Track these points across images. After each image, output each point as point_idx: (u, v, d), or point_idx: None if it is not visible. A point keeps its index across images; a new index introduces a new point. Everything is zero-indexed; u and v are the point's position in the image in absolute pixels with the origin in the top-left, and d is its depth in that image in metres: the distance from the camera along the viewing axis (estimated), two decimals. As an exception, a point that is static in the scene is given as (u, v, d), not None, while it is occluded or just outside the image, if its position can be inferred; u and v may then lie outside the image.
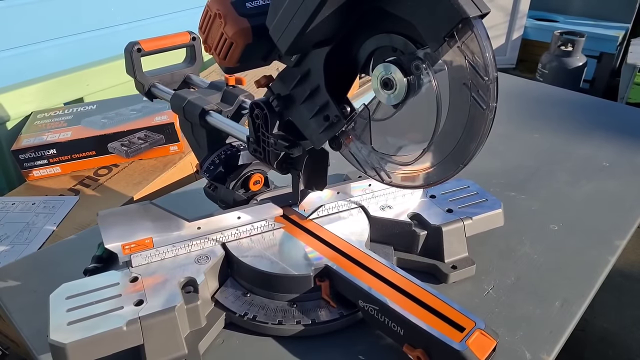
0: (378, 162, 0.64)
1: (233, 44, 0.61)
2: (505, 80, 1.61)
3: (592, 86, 3.36)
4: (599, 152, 1.19)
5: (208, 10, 0.63)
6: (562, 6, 3.69)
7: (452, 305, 0.64)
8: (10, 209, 1.08)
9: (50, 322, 0.60)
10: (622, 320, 1.76)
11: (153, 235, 0.70)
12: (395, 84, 0.55)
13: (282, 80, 0.66)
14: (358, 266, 0.71)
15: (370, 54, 0.60)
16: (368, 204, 0.84)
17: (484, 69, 0.49)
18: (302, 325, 0.68)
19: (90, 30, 1.47)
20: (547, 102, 1.48)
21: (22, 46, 1.35)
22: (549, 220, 0.94)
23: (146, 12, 1.59)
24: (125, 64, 0.88)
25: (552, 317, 0.72)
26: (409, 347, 0.63)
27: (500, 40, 3.51)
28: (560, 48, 3.01)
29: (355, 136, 0.63)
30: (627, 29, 3.39)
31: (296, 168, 0.73)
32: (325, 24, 0.54)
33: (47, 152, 1.17)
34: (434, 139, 0.57)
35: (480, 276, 0.79)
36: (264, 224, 0.78)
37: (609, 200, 1.01)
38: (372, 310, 0.66)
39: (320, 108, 0.63)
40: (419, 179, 0.61)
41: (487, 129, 0.52)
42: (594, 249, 0.87)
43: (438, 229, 0.78)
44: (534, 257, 0.84)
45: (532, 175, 1.09)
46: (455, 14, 0.47)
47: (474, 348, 0.59)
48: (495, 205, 0.84)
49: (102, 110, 1.35)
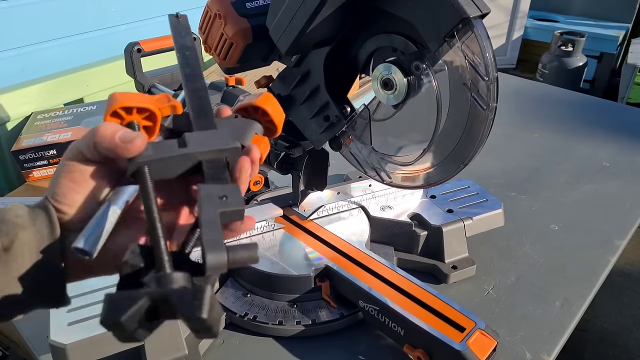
0: (378, 163, 0.64)
1: (233, 44, 0.61)
2: (506, 80, 1.61)
3: (593, 86, 3.36)
4: (599, 152, 1.19)
5: (208, 10, 0.63)
6: (563, 6, 3.69)
7: (453, 305, 0.64)
8: (10, 209, 1.08)
9: (51, 323, 0.60)
10: (622, 320, 1.76)
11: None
12: (396, 84, 0.55)
13: (282, 80, 0.66)
14: (358, 266, 0.71)
15: (371, 54, 0.60)
16: (368, 204, 0.84)
17: (484, 69, 0.49)
18: (302, 325, 0.68)
19: (90, 30, 1.47)
20: (547, 102, 1.47)
21: (22, 47, 1.35)
22: (549, 220, 0.94)
23: (146, 13, 1.58)
24: (126, 64, 0.88)
25: (552, 317, 0.72)
26: (409, 347, 0.63)
27: (500, 40, 3.51)
28: (561, 48, 3.01)
29: (356, 136, 0.63)
30: (627, 29, 3.39)
31: (296, 168, 0.74)
32: (325, 24, 0.54)
33: (47, 152, 1.17)
34: (434, 139, 0.57)
35: (481, 276, 0.79)
36: (264, 225, 0.78)
37: (609, 200, 1.01)
38: (373, 310, 0.66)
39: (320, 108, 0.63)
40: (419, 179, 0.61)
41: (487, 129, 0.52)
42: (594, 249, 0.87)
43: (438, 229, 0.78)
44: (534, 257, 0.84)
45: (532, 175, 1.09)
46: (455, 14, 0.48)
47: (475, 348, 0.59)
48: (496, 206, 0.84)
49: (102, 111, 1.35)
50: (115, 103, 0.35)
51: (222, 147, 0.36)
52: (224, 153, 0.36)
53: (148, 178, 0.34)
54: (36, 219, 0.35)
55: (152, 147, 0.35)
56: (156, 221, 0.33)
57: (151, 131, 0.38)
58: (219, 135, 0.37)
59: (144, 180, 0.34)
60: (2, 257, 0.33)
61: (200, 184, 0.34)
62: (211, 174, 0.35)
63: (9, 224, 0.34)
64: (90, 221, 0.35)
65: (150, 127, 0.37)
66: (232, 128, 0.38)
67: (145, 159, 0.34)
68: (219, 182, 0.34)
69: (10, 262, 0.33)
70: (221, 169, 0.35)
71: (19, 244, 0.34)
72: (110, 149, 0.34)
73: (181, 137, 0.36)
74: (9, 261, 0.33)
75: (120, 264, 0.31)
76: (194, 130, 0.37)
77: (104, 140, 0.34)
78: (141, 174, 0.34)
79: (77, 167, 0.35)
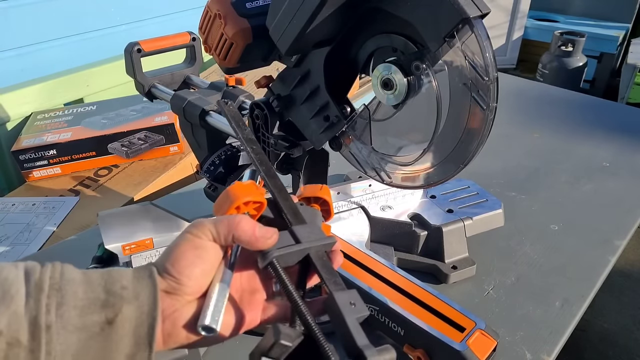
0: (378, 163, 0.64)
1: (233, 44, 0.61)
2: (506, 80, 1.61)
3: (593, 86, 3.36)
4: (599, 152, 1.19)
5: (208, 10, 0.63)
6: (563, 6, 3.69)
7: (453, 305, 0.64)
8: (10, 209, 1.08)
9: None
10: (622, 320, 1.76)
11: (153, 235, 0.70)
12: (396, 84, 0.55)
13: (282, 80, 0.66)
14: (358, 266, 0.71)
15: (371, 54, 0.60)
16: (368, 204, 0.84)
17: (485, 69, 0.49)
18: (302, 325, 0.68)
19: (90, 30, 1.47)
20: (547, 102, 1.48)
21: (22, 47, 1.35)
22: (549, 220, 0.94)
23: (146, 13, 1.58)
24: (125, 64, 0.88)
25: (552, 317, 0.72)
26: (409, 347, 0.62)
27: (500, 41, 3.51)
28: (561, 48, 3.01)
29: (356, 136, 0.63)
30: (627, 29, 3.39)
31: (296, 168, 0.73)
32: (325, 24, 0.54)
33: (47, 152, 1.17)
34: (434, 139, 0.57)
35: (481, 276, 0.79)
36: (264, 225, 0.78)
37: (609, 200, 1.01)
38: (373, 310, 0.66)
39: (320, 108, 0.63)
40: (420, 179, 0.61)
41: (487, 129, 0.52)
42: (594, 249, 0.87)
43: (438, 229, 0.78)
44: (534, 257, 0.84)
45: (532, 175, 1.09)
46: (455, 14, 0.47)
47: (475, 348, 0.59)
48: (496, 206, 0.84)
49: (102, 111, 1.35)
50: (237, 199, 0.41)
51: (326, 242, 0.44)
52: (326, 247, 0.44)
53: (280, 269, 0.40)
54: (141, 292, 0.36)
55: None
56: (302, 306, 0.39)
57: (255, 217, 0.44)
58: (315, 230, 0.44)
59: (278, 271, 0.40)
60: (106, 330, 0.35)
61: (334, 292, 0.39)
62: (320, 264, 0.42)
63: (116, 296, 0.35)
64: (210, 300, 0.39)
65: (255, 215, 0.44)
66: (305, 215, 0.46)
67: (276, 254, 0.40)
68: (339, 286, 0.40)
69: (112, 336, 0.35)
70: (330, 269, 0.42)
71: (122, 318, 0.35)
72: (249, 243, 0.39)
73: (291, 231, 0.43)
74: (110, 335, 0.35)
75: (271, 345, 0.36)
76: (292, 224, 0.44)
77: (245, 235, 0.39)
78: (274, 266, 0.40)
79: (206, 245, 0.39)
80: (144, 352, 0.36)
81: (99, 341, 0.34)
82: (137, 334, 0.36)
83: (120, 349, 0.35)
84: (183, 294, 0.38)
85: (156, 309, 0.36)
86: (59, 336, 0.33)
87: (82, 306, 0.34)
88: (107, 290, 0.35)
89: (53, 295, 0.34)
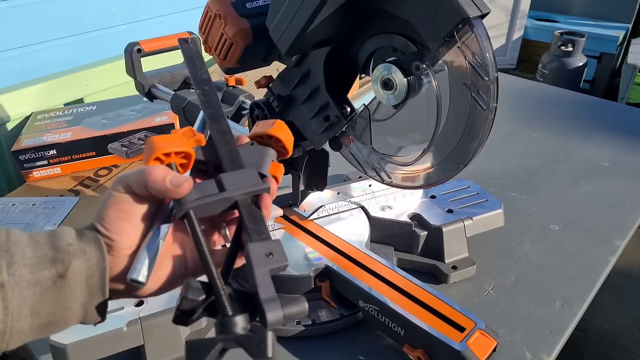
0: (378, 163, 0.64)
1: (233, 44, 0.61)
2: (506, 81, 1.61)
3: (593, 86, 3.36)
4: (599, 152, 1.19)
5: (208, 10, 0.63)
6: (563, 6, 3.69)
7: (453, 305, 0.64)
8: (10, 209, 1.08)
9: (51, 323, 0.60)
10: (622, 320, 1.76)
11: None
12: (396, 85, 0.55)
13: (282, 80, 0.66)
14: (358, 266, 0.71)
15: (371, 55, 0.60)
16: (368, 204, 0.84)
17: (484, 69, 0.49)
18: (302, 325, 0.68)
19: (90, 30, 1.47)
20: (547, 102, 1.47)
21: (22, 47, 1.34)
22: (549, 220, 0.94)
23: (146, 13, 1.58)
24: (125, 64, 0.88)
25: (552, 317, 0.72)
26: (409, 347, 0.63)
27: (500, 41, 3.51)
28: (561, 48, 3.01)
29: (356, 136, 0.63)
30: (627, 29, 3.39)
31: (296, 169, 0.74)
32: (325, 24, 0.54)
33: (47, 152, 1.17)
34: (434, 139, 0.57)
35: (481, 276, 0.79)
36: (264, 225, 0.78)
37: (609, 200, 1.01)
38: (373, 310, 0.66)
39: (320, 108, 0.63)
40: (420, 179, 0.61)
41: (487, 129, 0.52)
42: (594, 249, 0.87)
43: (438, 230, 0.78)
44: (534, 257, 0.84)
45: (532, 175, 1.09)
46: (455, 14, 0.48)
47: (475, 348, 0.59)
48: (496, 206, 0.84)
49: (102, 111, 1.35)
50: (156, 150, 0.39)
51: (254, 189, 0.41)
52: (255, 193, 0.41)
53: (195, 220, 0.39)
54: (86, 247, 0.38)
55: (195, 189, 0.39)
56: (209, 259, 0.38)
57: (186, 167, 0.42)
58: (249, 175, 0.42)
59: (193, 223, 0.39)
60: (58, 283, 0.36)
61: (248, 243, 0.38)
62: (246, 212, 0.40)
63: (63, 252, 0.37)
64: (140, 253, 0.39)
65: (185, 164, 0.42)
66: (252, 156, 0.43)
67: (193, 204, 0.39)
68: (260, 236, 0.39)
69: (65, 288, 0.37)
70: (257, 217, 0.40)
71: (72, 271, 0.37)
72: (161, 191, 0.38)
73: (218, 179, 0.40)
74: (63, 287, 0.37)
75: (181, 299, 0.35)
76: (225, 169, 0.42)
77: (156, 183, 0.38)
78: (189, 217, 0.39)
79: (125, 198, 0.39)
80: (98, 299, 0.38)
81: (53, 293, 0.36)
82: (89, 283, 0.37)
83: (75, 298, 0.37)
84: (118, 248, 0.39)
85: (104, 261, 0.38)
86: (13, 292, 0.35)
87: (32, 264, 0.36)
88: (54, 247, 0.37)
89: (2, 256, 0.35)
